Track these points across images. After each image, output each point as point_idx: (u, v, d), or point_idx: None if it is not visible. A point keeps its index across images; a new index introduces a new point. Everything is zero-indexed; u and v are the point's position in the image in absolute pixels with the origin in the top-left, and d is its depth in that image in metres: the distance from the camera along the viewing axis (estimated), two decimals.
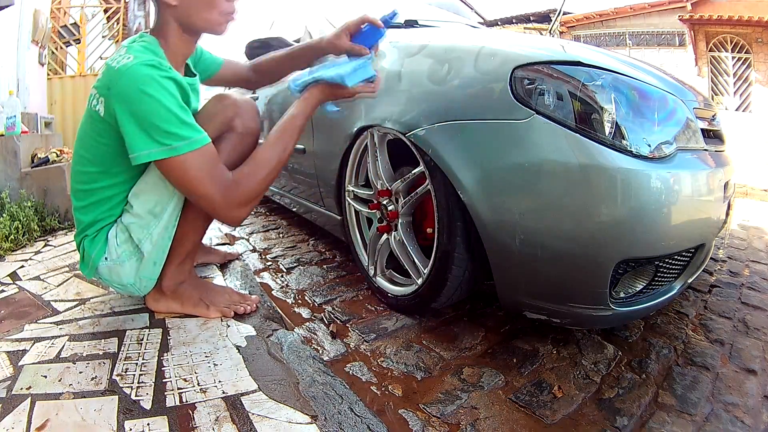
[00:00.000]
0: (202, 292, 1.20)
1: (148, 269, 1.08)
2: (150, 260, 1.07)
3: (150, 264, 1.08)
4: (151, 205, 1.03)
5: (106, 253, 1.06)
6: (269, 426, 0.77)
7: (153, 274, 1.10)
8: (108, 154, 0.99)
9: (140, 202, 1.04)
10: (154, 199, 1.03)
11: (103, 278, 1.10)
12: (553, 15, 8.13)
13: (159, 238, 1.06)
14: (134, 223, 1.04)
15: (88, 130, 1.00)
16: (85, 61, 4.45)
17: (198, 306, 1.18)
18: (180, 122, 0.88)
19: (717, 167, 0.99)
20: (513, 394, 0.92)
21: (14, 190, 2.25)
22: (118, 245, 1.05)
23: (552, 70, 0.88)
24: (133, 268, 1.07)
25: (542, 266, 0.91)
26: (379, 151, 1.27)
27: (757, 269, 1.70)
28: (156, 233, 1.05)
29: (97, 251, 1.06)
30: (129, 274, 1.08)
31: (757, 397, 0.93)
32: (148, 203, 1.04)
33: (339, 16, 1.69)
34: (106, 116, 0.92)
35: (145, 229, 1.04)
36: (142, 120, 0.86)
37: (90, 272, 1.10)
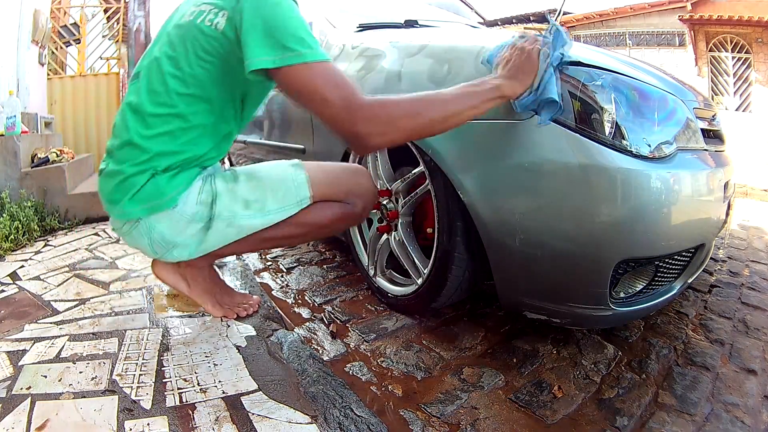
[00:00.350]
0: (213, 286, 1.19)
1: (192, 248, 0.99)
2: (207, 242, 0.98)
3: (200, 246, 0.99)
4: (254, 197, 0.97)
5: (180, 201, 0.93)
6: (269, 426, 0.77)
7: (189, 255, 1.01)
8: (205, 77, 0.89)
9: (249, 186, 0.98)
10: (261, 195, 0.98)
11: (150, 229, 0.95)
12: (553, 15, 8.13)
13: (234, 230, 0.98)
14: (226, 195, 0.96)
15: (190, 47, 0.88)
16: (85, 61, 4.44)
17: (204, 296, 1.15)
18: (309, 35, 0.81)
19: (717, 167, 0.99)
20: (513, 394, 0.92)
21: (14, 190, 2.24)
22: (198, 203, 0.94)
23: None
24: (187, 235, 0.96)
25: (542, 266, 0.91)
26: (379, 151, 1.27)
27: (757, 269, 1.70)
28: (237, 224, 0.97)
29: (176, 193, 0.92)
30: (176, 236, 0.95)
31: (757, 397, 0.93)
32: (255, 193, 0.98)
33: (339, 16, 1.69)
34: (227, 29, 0.85)
35: (229, 209, 0.96)
36: (271, 26, 0.79)
37: (142, 211, 0.92)
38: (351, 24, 1.58)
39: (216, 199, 0.95)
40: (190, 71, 0.89)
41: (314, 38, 0.82)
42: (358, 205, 1.09)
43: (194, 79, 0.90)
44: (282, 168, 1.05)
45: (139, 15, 4.35)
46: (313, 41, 0.81)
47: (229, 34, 0.85)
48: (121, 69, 4.33)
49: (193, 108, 0.91)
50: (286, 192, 1.00)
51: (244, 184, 0.99)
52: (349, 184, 1.09)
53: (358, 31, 1.52)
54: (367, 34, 1.46)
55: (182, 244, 0.98)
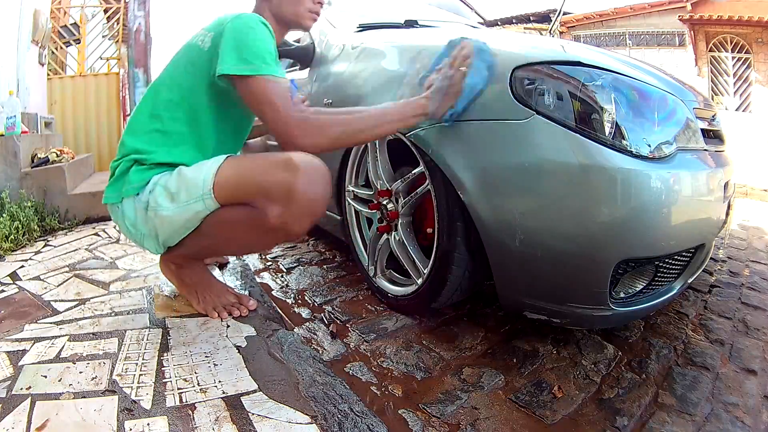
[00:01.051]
0: (202, 284, 1.21)
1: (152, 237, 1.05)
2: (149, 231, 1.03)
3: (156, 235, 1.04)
4: (175, 189, 0.98)
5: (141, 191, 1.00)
6: (269, 426, 0.77)
7: (157, 245, 1.07)
8: (190, 82, 1.02)
9: (177, 179, 0.99)
10: (180, 188, 0.98)
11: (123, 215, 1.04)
12: (553, 15, 8.13)
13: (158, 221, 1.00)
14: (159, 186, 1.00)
15: (181, 61, 1.05)
16: (85, 61, 4.44)
17: (190, 295, 1.21)
18: (271, 57, 0.96)
19: (717, 167, 0.99)
20: (513, 394, 0.92)
21: (14, 190, 2.24)
22: (148, 192, 1.00)
23: (552, 70, 0.88)
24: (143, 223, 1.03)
25: (542, 266, 0.91)
26: (379, 151, 1.27)
27: (757, 269, 1.70)
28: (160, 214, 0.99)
29: (139, 184, 1.00)
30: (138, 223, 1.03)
31: (757, 397, 0.93)
32: (178, 185, 0.98)
33: (339, 16, 1.69)
34: (210, 48, 0.99)
35: (156, 200, 0.99)
36: (240, 44, 0.93)
37: (116, 197, 1.04)
38: (351, 24, 1.58)
39: (153, 189, 1.00)
40: (179, 79, 1.05)
41: (275, 59, 0.97)
42: (271, 212, 0.88)
43: (181, 83, 1.04)
44: (209, 161, 1.00)
45: (139, 15, 4.35)
46: (272, 60, 0.95)
47: (210, 52, 0.99)
48: (121, 69, 4.33)
49: (176, 113, 1.03)
50: (195, 185, 0.96)
51: (174, 176, 1.00)
52: (261, 181, 0.90)
53: (358, 31, 1.52)
54: (367, 34, 1.46)
55: (146, 234, 1.06)
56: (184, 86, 1.04)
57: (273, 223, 0.89)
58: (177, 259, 1.18)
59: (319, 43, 1.58)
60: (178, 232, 1.04)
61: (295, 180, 0.86)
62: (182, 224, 1.01)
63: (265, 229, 0.92)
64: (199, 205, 0.96)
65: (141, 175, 1.02)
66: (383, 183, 1.27)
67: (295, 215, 0.89)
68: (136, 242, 1.11)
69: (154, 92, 1.07)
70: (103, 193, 1.10)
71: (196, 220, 0.99)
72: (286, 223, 0.89)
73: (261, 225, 0.91)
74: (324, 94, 1.45)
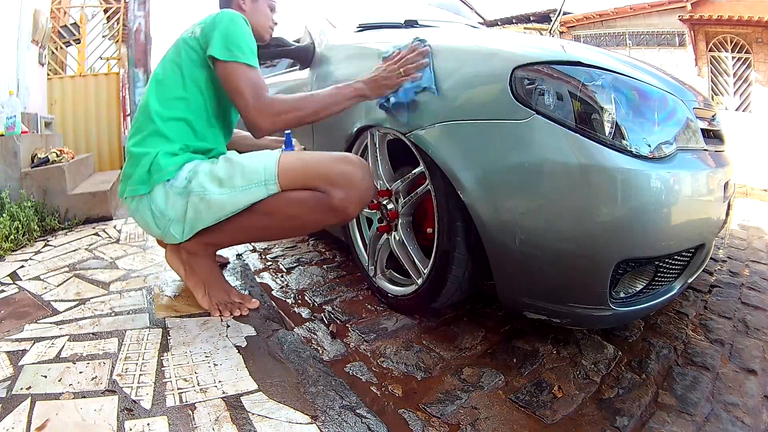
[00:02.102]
0: (209, 279, 1.22)
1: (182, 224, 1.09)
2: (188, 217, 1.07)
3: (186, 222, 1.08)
4: (226, 175, 1.05)
5: (174, 177, 1.07)
6: (269, 426, 0.77)
7: (182, 233, 1.11)
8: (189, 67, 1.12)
9: (225, 165, 1.07)
10: (232, 173, 1.05)
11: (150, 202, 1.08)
12: (553, 15, 8.13)
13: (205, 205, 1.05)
14: (203, 172, 1.07)
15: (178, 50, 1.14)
16: (85, 61, 4.45)
17: (197, 287, 1.22)
18: (249, 48, 1.09)
19: (717, 167, 0.99)
20: (513, 394, 0.92)
21: (14, 190, 2.24)
22: (185, 178, 1.06)
23: (552, 70, 0.88)
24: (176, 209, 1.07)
25: (542, 266, 0.91)
26: (380, 151, 1.27)
27: (757, 269, 1.70)
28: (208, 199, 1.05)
29: (172, 169, 1.07)
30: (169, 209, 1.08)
31: (757, 397, 0.93)
32: (228, 171, 1.06)
33: (339, 16, 1.69)
34: (200, 35, 1.11)
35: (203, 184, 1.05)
36: (227, 33, 1.07)
37: (143, 188, 1.08)
38: (351, 24, 1.58)
39: (195, 176, 1.06)
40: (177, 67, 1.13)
41: (252, 50, 1.10)
42: (335, 195, 1.02)
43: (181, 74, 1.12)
44: (262, 153, 1.11)
45: (139, 15, 4.35)
46: (249, 52, 1.09)
47: (201, 37, 1.11)
48: (121, 69, 4.33)
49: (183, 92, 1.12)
50: (255, 171, 1.05)
51: (222, 163, 1.09)
52: (326, 170, 1.05)
53: (358, 31, 1.52)
54: (367, 34, 1.46)
55: (174, 219, 1.09)
56: (185, 72, 1.12)
57: (336, 204, 1.03)
58: (196, 247, 1.18)
59: (319, 43, 1.58)
60: (219, 215, 1.07)
61: (355, 171, 1.05)
62: (232, 207, 1.06)
63: (328, 209, 1.05)
64: (261, 190, 1.04)
65: (171, 161, 1.07)
66: (383, 183, 1.27)
67: (354, 199, 1.05)
68: (158, 232, 1.14)
69: (157, 85, 1.14)
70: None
71: (249, 203, 1.06)
72: (347, 205, 1.04)
73: (325, 206, 1.04)
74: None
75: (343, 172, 1.04)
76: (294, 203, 1.06)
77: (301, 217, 1.08)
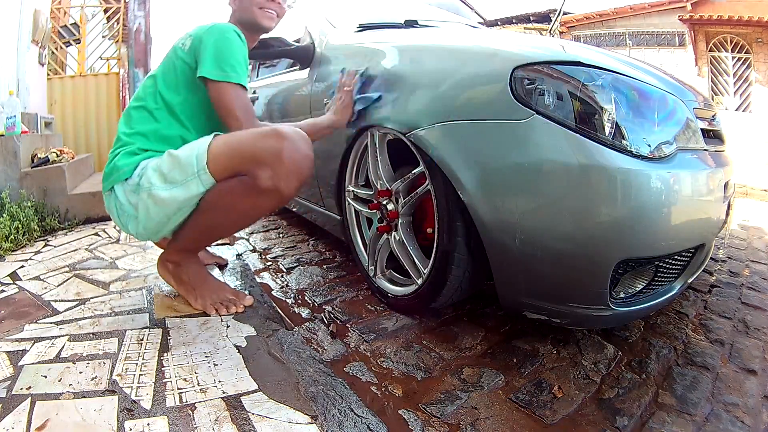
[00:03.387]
0: (197, 282, 1.23)
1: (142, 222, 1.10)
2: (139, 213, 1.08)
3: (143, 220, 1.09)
4: (168, 169, 1.04)
5: (130, 176, 1.08)
6: (269, 426, 0.77)
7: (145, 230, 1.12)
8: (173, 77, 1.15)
9: (169, 159, 1.06)
10: (174, 167, 1.04)
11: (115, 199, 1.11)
12: (553, 15, 8.13)
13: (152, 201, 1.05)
14: (151, 168, 1.06)
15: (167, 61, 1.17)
16: (85, 61, 4.44)
17: (188, 294, 1.23)
18: (241, 66, 1.10)
19: (717, 167, 0.99)
20: (513, 394, 0.92)
21: (14, 190, 2.24)
22: (137, 175, 1.07)
23: (552, 70, 0.88)
24: (132, 206, 1.09)
25: (542, 266, 0.91)
26: (379, 151, 1.27)
27: (757, 269, 1.70)
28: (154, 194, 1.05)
29: (126, 169, 1.08)
30: (127, 206, 1.10)
31: (757, 397, 0.93)
32: (171, 165, 1.05)
33: (339, 16, 1.69)
34: (189, 49, 1.12)
35: (150, 180, 1.05)
36: (218, 53, 1.07)
37: (107, 185, 1.13)
38: (351, 24, 1.58)
39: (144, 171, 1.07)
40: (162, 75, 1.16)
41: (244, 69, 1.11)
42: (260, 175, 0.96)
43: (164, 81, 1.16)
44: (197, 142, 1.07)
45: (139, 15, 4.34)
46: (242, 70, 1.10)
47: (190, 53, 1.12)
48: (121, 69, 4.33)
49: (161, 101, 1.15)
50: (188, 163, 1.03)
51: (166, 157, 1.07)
52: (250, 150, 0.98)
53: (358, 31, 1.52)
54: (367, 34, 1.46)
55: (131, 215, 1.10)
56: (168, 81, 1.15)
57: (265, 185, 0.97)
58: (175, 257, 1.21)
59: (319, 43, 1.58)
60: (173, 214, 1.07)
61: (281, 145, 0.97)
62: (178, 205, 1.04)
63: (259, 192, 1.00)
64: (195, 183, 1.02)
65: (129, 160, 1.10)
66: (383, 183, 1.27)
67: (283, 176, 0.97)
68: (124, 228, 1.17)
69: (143, 88, 1.19)
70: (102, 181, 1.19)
71: (192, 199, 1.04)
72: (277, 184, 0.98)
73: (254, 189, 0.99)
74: (324, 93, 1.45)
75: (267, 147, 0.97)
76: (225, 194, 1.02)
77: (239, 207, 1.04)
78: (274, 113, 1.96)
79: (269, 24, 1.25)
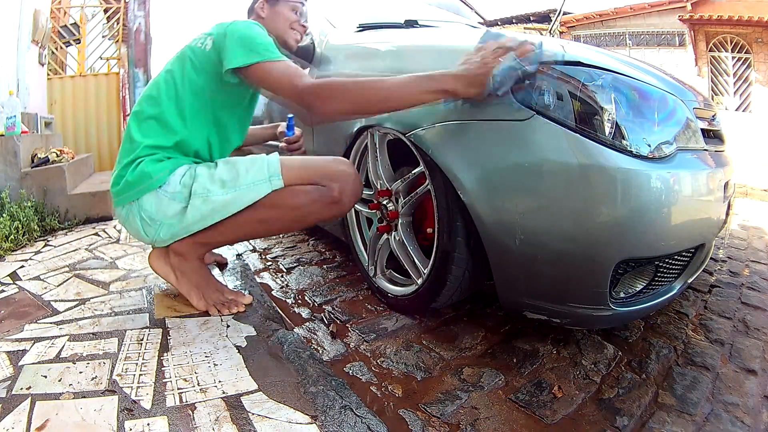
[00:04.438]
0: (201, 281, 1.23)
1: (176, 227, 1.12)
2: (186, 220, 1.10)
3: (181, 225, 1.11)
4: (229, 177, 1.09)
5: (166, 183, 1.09)
6: (269, 426, 0.77)
7: (173, 236, 1.14)
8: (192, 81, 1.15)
9: (225, 168, 1.11)
10: (235, 174, 1.09)
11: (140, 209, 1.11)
12: (553, 15, 8.13)
13: (209, 207, 1.08)
14: (204, 176, 1.10)
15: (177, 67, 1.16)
16: (85, 61, 4.44)
17: (191, 290, 1.22)
18: (270, 44, 1.09)
19: (717, 167, 0.99)
20: (513, 394, 0.92)
21: (14, 190, 2.24)
22: (180, 183, 1.09)
23: (552, 70, 0.88)
24: (169, 214, 1.10)
25: (542, 266, 0.91)
26: (379, 151, 1.27)
27: (757, 269, 1.70)
28: (212, 200, 1.08)
29: (160, 177, 1.09)
30: (161, 214, 1.10)
31: (757, 397, 0.93)
32: (230, 173, 1.10)
33: (339, 16, 1.69)
34: (212, 49, 1.12)
35: (205, 187, 1.08)
36: (245, 39, 1.07)
37: (133, 195, 1.10)
38: (351, 24, 1.58)
39: (195, 180, 1.10)
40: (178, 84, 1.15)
41: (273, 46, 1.10)
42: (334, 188, 1.10)
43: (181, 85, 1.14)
44: (258, 155, 1.14)
45: (139, 15, 4.35)
46: (271, 47, 1.09)
47: (212, 53, 1.12)
48: (121, 69, 4.33)
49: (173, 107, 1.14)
50: (259, 169, 1.10)
51: (222, 166, 1.13)
52: (323, 168, 1.13)
53: (358, 31, 1.52)
54: (367, 34, 1.46)
55: (167, 223, 1.11)
56: (186, 84, 1.15)
57: (336, 196, 1.11)
58: (186, 248, 1.19)
59: (319, 43, 1.58)
60: (222, 214, 1.10)
61: (348, 170, 1.15)
62: (236, 206, 1.09)
63: (329, 201, 1.11)
64: (265, 185, 1.09)
65: (159, 167, 1.10)
66: (383, 183, 1.27)
67: (349, 193, 1.13)
68: (147, 239, 1.16)
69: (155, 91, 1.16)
70: (110, 194, 1.17)
71: (253, 200, 1.09)
72: (344, 198, 1.12)
73: (327, 197, 1.11)
74: None
75: (339, 170, 1.13)
76: (300, 194, 1.11)
77: (303, 208, 1.12)
78: (274, 113, 1.96)
79: (293, 44, 1.32)
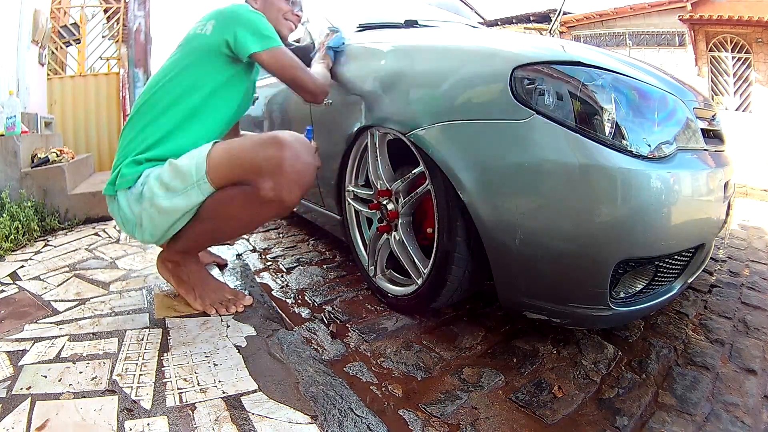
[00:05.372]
0: (198, 283, 1.23)
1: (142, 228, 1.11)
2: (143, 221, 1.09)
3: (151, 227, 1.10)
4: (169, 178, 1.04)
5: (134, 184, 1.08)
6: (269, 426, 0.77)
7: (153, 236, 1.13)
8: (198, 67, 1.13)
9: (169, 168, 1.06)
10: (174, 176, 1.04)
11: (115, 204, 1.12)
12: (553, 15, 8.13)
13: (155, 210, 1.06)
14: (153, 177, 1.07)
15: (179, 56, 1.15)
16: (85, 61, 4.44)
17: (188, 293, 1.23)
18: (273, 31, 1.14)
19: (717, 167, 0.99)
20: (513, 394, 0.92)
21: (14, 190, 2.24)
22: (140, 184, 1.07)
23: (552, 70, 0.88)
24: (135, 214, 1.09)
25: (542, 266, 0.91)
26: (379, 151, 1.27)
27: (757, 269, 1.70)
28: (157, 204, 1.05)
29: (132, 176, 1.08)
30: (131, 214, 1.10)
31: (757, 397, 0.93)
32: (171, 174, 1.04)
33: (339, 16, 1.69)
34: (213, 32, 1.11)
35: (152, 189, 1.05)
36: (252, 26, 1.09)
37: (111, 189, 1.13)
38: (351, 24, 1.58)
39: (147, 181, 1.07)
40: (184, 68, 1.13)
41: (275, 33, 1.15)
42: (263, 186, 0.95)
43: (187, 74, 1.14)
44: (197, 150, 1.05)
45: (139, 15, 4.34)
46: (275, 33, 1.15)
47: (215, 35, 1.11)
48: (121, 69, 4.32)
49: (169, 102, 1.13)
50: (188, 172, 1.02)
51: (167, 167, 1.06)
52: (250, 159, 0.96)
53: (358, 31, 1.52)
54: (367, 34, 1.46)
55: (135, 223, 1.11)
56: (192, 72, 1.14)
57: (266, 195, 0.96)
58: (175, 257, 1.21)
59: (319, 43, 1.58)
60: (176, 221, 1.07)
61: (282, 154, 0.95)
62: (177, 213, 1.05)
63: (260, 202, 0.98)
64: (195, 192, 1.01)
65: (133, 170, 1.09)
66: (383, 183, 1.27)
67: (285, 186, 0.96)
68: (128, 232, 1.17)
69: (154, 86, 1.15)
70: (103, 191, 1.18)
71: (193, 207, 1.04)
72: (279, 194, 0.96)
73: (256, 199, 0.98)
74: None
75: (268, 157, 0.95)
76: (225, 203, 1.01)
77: (240, 216, 1.04)
78: (274, 113, 1.96)
79: (287, 33, 1.34)
